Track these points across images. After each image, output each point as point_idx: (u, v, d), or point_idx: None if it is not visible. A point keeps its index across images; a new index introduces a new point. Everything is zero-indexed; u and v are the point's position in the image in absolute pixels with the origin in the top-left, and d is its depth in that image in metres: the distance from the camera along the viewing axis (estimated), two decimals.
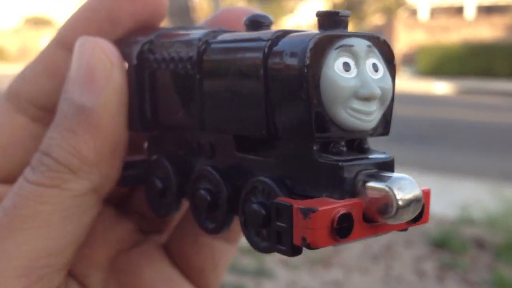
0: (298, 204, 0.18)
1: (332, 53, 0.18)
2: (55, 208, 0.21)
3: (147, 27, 0.25)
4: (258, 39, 0.20)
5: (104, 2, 0.24)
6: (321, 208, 0.17)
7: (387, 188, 0.18)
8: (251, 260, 1.95)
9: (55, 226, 0.21)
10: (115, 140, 0.23)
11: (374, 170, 0.19)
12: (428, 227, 2.13)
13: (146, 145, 0.27)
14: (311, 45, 0.18)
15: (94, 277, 0.26)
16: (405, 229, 0.20)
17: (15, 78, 0.25)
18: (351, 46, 0.19)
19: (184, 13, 3.49)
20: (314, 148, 0.19)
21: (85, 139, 0.22)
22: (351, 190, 0.18)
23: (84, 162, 0.22)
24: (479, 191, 2.61)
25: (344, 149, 0.20)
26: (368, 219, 0.18)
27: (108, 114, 0.22)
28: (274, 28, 0.22)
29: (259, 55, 0.19)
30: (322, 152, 0.19)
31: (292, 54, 0.18)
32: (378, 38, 0.20)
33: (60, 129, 0.22)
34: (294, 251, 0.18)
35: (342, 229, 0.17)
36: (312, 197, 0.19)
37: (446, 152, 3.76)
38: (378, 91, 0.19)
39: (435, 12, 13.61)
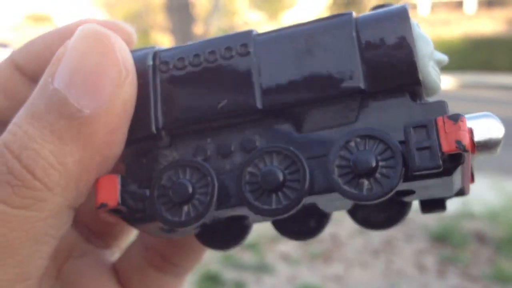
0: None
1: (412, 21, 0.20)
2: (28, 235, 0.18)
3: None
4: (339, 16, 0.21)
5: (69, 33, 0.21)
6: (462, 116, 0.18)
7: (494, 119, 0.19)
8: (251, 255, 1.96)
9: (29, 252, 0.18)
10: (105, 155, 0.19)
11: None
12: (428, 221, 2.14)
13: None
14: (407, 7, 0.20)
15: (43, 286, 0.23)
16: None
17: None
18: (414, 22, 0.20)
19: (184, 9, 3.48)
20: (408, 96, 0.19)
21: (72, 150, 0.18)
22: None
23: (63, 177, 0.18)
24: (480, 184, 2.61)
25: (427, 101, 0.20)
26: None
27: (106, 127, 0.19)
28: (275, 23, 0.22)
29: (349, 20, 0.20)
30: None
31: (391, 15, 0.20)
32: None
33: (41, 127, 0.18)
34: (441, 165, 0.17)
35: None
36: None
37: None
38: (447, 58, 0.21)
39: (436, 6, 13.56)
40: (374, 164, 0.18)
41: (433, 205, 0.22)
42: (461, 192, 0.21)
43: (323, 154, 0.19)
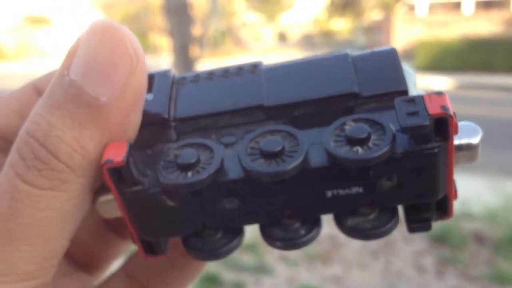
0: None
1: None
2: (55, 214, 0.20)
3: None
4: (336, 51, 0.24)
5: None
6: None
7: (472, 124, 0.21)
8: (250, 256, 1.96)
9: (56, 230, 0.20)
10: (121, 138, 0.21)
11: None
12: None
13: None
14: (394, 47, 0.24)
15: None
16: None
17: None
18: None
19: (182, 11, 3.49)
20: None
21: (91, 134, 0.20)
22: None
23: (85, 159, 0.20)
24: (479, 185, 2.62)
25: None
26: None
27: (122, 112, 0.20)
28: (273, 24, 0.23)
29: (345, 53, 0.24)
30: None
31: (381, 49, 0.24)
32: None
33: (62, 115, 0.20)
34: (428, 125, 0.19)
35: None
36: None
37: None
38: None
39: (434, 7, 13.59)
40: (366, 134, 0.20)
41: (420, 224, 0.23)
42: (445, 209, 0.22)
43: (321, 141, 0.21)
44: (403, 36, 11.05)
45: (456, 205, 0.23)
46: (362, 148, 0.20)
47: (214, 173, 0.20)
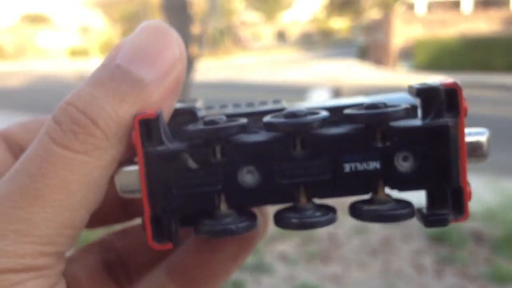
0: None
1: None
2: (84, 180, 0.20)
3: None
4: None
5: None
6: None
7: (480, 127, 0.23)
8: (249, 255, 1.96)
9: (81, 197, 0.20)
10: None
11: None
12: None
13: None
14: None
15: None
16: None
17: (15, 124, 0.27)
18: None
19: (181, 9, 3.48)
20: None
21: (129, 109, 0.21)
22: None
23: (120, 129, 0.21)
24: (477, 184, 2.62)
25: None
26: None
27: (160, 95, 0.22)
28: (272, 23, 0.24)
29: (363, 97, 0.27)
30: None
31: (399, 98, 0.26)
32: None
33: (105, 90, 0.21)
34: (440, 88, 0.21)
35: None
36: None
37: None
38: None
39: (432, 6, 13.60)
40: (383, 105, 0.22)
41: (437, 217, 0.23)
42: (461, 208, 0.23)
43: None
44: (402, 35, 11.05)
45: None
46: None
47: (238, 126, 0.22)
